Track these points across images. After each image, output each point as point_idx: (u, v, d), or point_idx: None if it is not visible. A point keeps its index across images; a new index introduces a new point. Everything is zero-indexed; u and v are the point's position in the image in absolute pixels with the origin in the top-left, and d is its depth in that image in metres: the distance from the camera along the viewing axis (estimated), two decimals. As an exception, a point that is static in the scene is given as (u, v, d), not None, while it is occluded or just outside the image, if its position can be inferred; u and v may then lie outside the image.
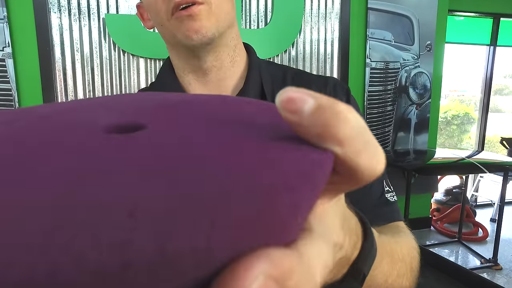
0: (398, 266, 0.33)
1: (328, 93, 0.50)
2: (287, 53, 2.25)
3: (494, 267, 2.07)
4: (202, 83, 0.50)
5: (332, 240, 0.15)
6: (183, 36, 0.43)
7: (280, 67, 0.56)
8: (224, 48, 0.48)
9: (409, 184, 1.95)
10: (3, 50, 1.84)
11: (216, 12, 0.44)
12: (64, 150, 0.12)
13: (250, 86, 0.49)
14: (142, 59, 2.04)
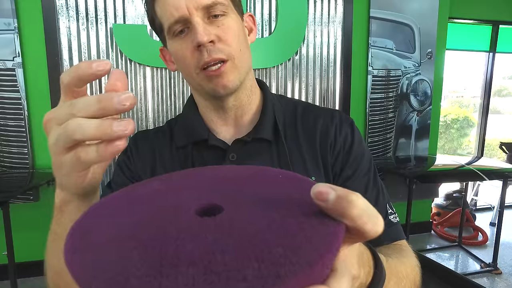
0: (403, 283, 0.40)
1: (335, 125, 0.55)
2: (291, 61, 2.30)
3: (494, 271, 2.11)
4: (223, 119, 0.55)
5: (351, 274, 0.22)
6: (211, 91, 0.49)
7: (290, 101, 0.61)
8: (243, 90, 0.53)
9: (410, 190, 1.99)
10: (13, 60, 1.88)
11: (239, 65, 0.49)
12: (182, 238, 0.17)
13: (265, 120, 0.54)
14: (149, 68, 2.08)
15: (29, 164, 1.96)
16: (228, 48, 0.47)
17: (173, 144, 0.56)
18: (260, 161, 0.53)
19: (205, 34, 0.45)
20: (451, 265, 2.30)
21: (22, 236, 1.94)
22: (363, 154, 0.54)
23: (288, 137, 0.54)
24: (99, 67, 0.25)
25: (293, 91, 2.34)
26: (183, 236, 0.18)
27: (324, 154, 0.53)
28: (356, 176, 0.53)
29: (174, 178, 0.26)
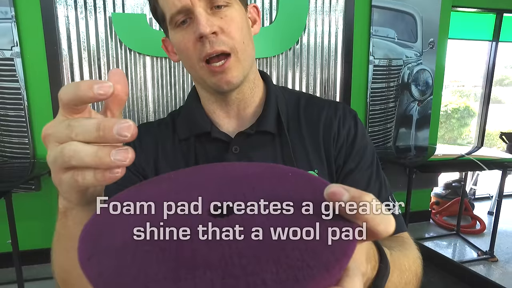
0: (406, 275, 0.41)
1: (338, 117, 0.55)
2: (292, 50, 2.28)
3: (490, 259, 2.14)
4: (225, 112, 0.55)
5: (361, 272, 0.22)
6: (214, 86, 0.49)
7: (294, 93, 0.60)
8: (246, 84, 0.53)
9: (410, 180, 2.00)
10: (11, 50, 1.86)
11: (242, 59, 0.49)
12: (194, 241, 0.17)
13: (268, 113, 0.54)
14: (148, 57, 2.07)
15: (30, 154, 1.97)
16: (231, 40, 0.47)
17: (176, 136, 0.56)
18: (263, 153, 0.53)
19: (207, 25, 0.44)
20: (448, 253, 2.33)
21: (25, 225, 1.95)
22: (366, 147, 0.54)
23: (291, 129, 0.54)
24: (100, 89, 0.23)
25: (294, 80, 2.32)
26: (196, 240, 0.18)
27: (327, 147, 0.53)
28: (359, 169, 0.53)
29: (183, 176, 0.26)
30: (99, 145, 0.23)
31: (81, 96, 0.24)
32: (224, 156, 0.52)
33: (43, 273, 2.01)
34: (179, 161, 0.54)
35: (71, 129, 0.24)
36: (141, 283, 0.15)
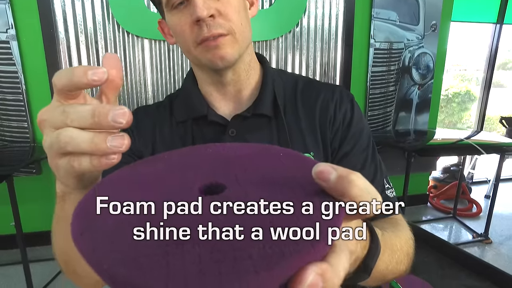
0: (397, 255, 0.42)
1: (335, 100, 0.54)
2: (291, 33, 2.24)
3: (484, 241, 2.19)
4: (221, 94, 0.55)
5: (348, 249, 0.22)
6: (208, 62, 0.48)
7: (291, 76, 0.60)
8: (241, 65, 0.52)
9: (409, 164, 2.01)
10: (6, 32, 1.84)
11: (239, 39, 0.48)
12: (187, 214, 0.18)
13: (265, 96, 0.54)
14: (147, 40, 2.04)
15: (29, 138, 1.97)
16: (228, 23, 0.46)
17: (173, 119, 0.56)
18: (260, 136, 0.53)
19: (204, 8, 0.43)
20: (444, 236, 2.38)
21: (27, 208, 1.98)
22: (362, 130, 0.55)
23: (287, 112, 0.54)
24: (94, 76, 0.23)
25: (294, 63, 2.30)
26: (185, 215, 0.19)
27: (323, 130, 0.53)
28: (354, 152, 0.53)
29: (176, 156, 0.26)
30: (95, 131, 0.23)
31: (75, 82, 0.24)
32: (221, 139, 0.53)
33: (46, 255, 2.05)
34: (177, 144, 0.54)
35: (66, 115, 0.23)
36: (132, 258, 0.16)
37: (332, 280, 0.17)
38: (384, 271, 0.38)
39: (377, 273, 0.34)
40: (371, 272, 0.31)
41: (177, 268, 0.15)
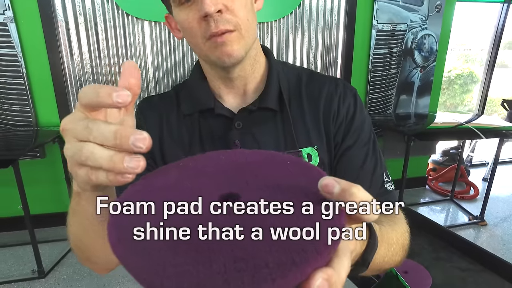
0: (393, 248, 0.45)
1: (339, 95, 0.55)
2: (293, 14, 2.21)
3: (480, 223, 2.24)
4: (228, 88, 0.55)
5: (349, 249, 0.25)
6: (216, 59, 0.48)
7: (295, 69, 0.60)
8: (247, 60, 0.53)
9: (408, 147, 2.03)
10: (3, 14, 1.81)
11: (245, 35, 0.48)
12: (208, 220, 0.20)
13: (270, 89, 0.54)
14: (147, 22, 2.01)
15: (32, 122, 1.98)
16: (235, 18, 0.46)
17: (180, 111, 0.56)
18: (265, 129, 0.54)
19: (212, 4, 0.44)
20: (441, 218, 2.43)
21: (33, 190, 2.02)
22: (364, 124, 0.56)
23: (292, 106, 0.55)
24: (118, 98, 0.25)
25: (295, 45, 2.28)
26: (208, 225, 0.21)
27: (326, 124, 0.54)
28: (357, 145, 0.54)
29: (191, 165, 0.28)
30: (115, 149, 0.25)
31: (99, 101, 0.26)
32: (228, 131, 0.54)
33: (54, 236, 2.12)
34: (184, 136, 0.55)
35: (89, 131, 0.25)
36: (163, 267, 0.18)
37: (336, 283, 0.20)
38: (380, 263, 0.41)
39: (374, 265, 0.37)
40: (369, 265, 0.34)
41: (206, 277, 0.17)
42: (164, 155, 0.55)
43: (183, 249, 0.19)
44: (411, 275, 0.81)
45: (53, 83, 1.98)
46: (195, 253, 0.19)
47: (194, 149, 0.54)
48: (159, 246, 0.20)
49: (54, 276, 1.75)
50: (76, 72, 2.00)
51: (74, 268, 1.81)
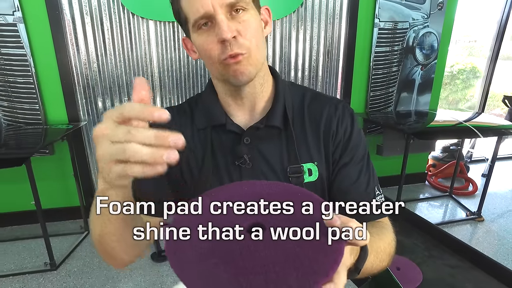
0: (380, 256, 0.52)
1: (338, 117, 0.61)
2: (296, 13, 2.23)
3: (477, 219, 2.29)
4: (239, 105, 0.61)
5: (346, 266, 0.32)
6: (231, 78, 0.54)
7: (300, 89, 0.66)
8: (257, 80, 0.58)
9: (407, 145, 2.08)
10: (13, 15, 1.85)
11: (255, 57, 0.54)
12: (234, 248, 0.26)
13: (277, 109, 0.60)
14: (152, 21, 2.05)
15: (41, 120, 2.04)
16: (247, 42, 0.52)
17: (194, 125, 0.62)
18: (271, 145, 0.60)
19: (229, 31, 0.49)
20: (440, 213, 2.48)
21: (43, 185, 2.08)
22: (359, 143, 0.62)
23: (296, 124, 0.61)
24: (161, 117, 0.31)
25: (298, 43, 2.31)
26: (247, 253, 0.27)
27: (326, 142, 0.60)
28: (352, 162, 0.60)
29: (221, 196, 0.34)
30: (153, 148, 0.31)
31: (143, 117, 0.32)
32: (237, 146, 0.59)
33: (64, 230, 2.20)
34: (198, 148, 0.61)
35: (131, 135, 0.31)
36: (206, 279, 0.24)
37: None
38: (369, 269, 0.48)
39: (364, 271, 0.44)
40: (360, 272, 0.41)
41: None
42: (180, 165, 0.60)
43: (229, 273, 0.25)
44: (403, 272, 0.86)
45: (61, 82, 2.03)
46: (237, 274, 0.25)
47: (207, 161, 0.59)
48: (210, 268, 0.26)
49: (65, 268, 1.83)
50: (83, 70, 2.05)
51: (84, 261, 1.88)
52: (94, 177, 2.30)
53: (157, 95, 2.20)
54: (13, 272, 1.78)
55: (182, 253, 0.27)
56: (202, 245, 0.28)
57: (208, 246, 0.28)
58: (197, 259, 0.27)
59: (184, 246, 0.28)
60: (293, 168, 0.58)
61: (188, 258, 0.27)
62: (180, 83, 2.22)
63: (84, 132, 2.17)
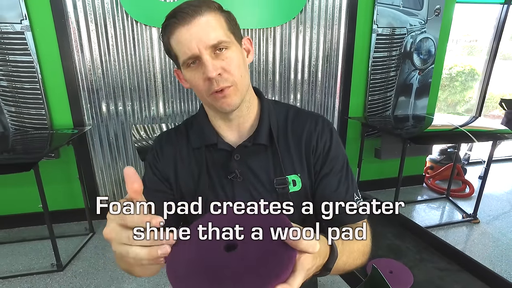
0: (354, 255, 0.59)
1: (318, 132, 0.68)
2: (296, 19, 2.28)
3: (473, 221, 2.34)
4: (228, 126, 0.68)
5: (305, 269, 0.36)
6: (219, 108, 0.61)
7: (284, 107, 0.73)
8: (243, 104, 0.65)
9: (404, 150, 2.13)
10: (21, 23, 1.91)
11: (240, 88, 0.61)
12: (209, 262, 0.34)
13: (262, 128, 0.67)
14: (155, 29, 2.10)
15: (47, 125, 2.10)
16: (231, 77, 0.59)
17: (190, 145, 0.70)
18: (258, 160, 0.67)
19: (213, 70, 0.56)
20: (437, 216, 2.53)
21: (49, 188, 2.14)
22: (338, 155, 0.68)
23: (280, 141, 0.68)
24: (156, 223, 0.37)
25: (297, 48, 2.36)
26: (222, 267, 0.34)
27: (307, 155, 0.67)
28: (332, 173, 0.67)
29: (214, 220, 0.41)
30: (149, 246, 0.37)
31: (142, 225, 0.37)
32: (228, 162, 0.66)
33: (68, 231, 2.25)
34: (193, 166, 0.68)
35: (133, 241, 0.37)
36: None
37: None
38: (342, 267, 0.54)
39: (336, 269, 0.50)
40: (331, 270, 0.48)
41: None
42: (178, 181, 0.69)
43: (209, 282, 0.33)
44: (395, 275, 0.92)
45: (66, 88, 2.09)
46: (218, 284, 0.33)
47: (202, 177, 0.67)
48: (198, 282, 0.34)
49: (71, 269, 1.88)
50: (88, 76, 2.10)
51: (89, 262, 1.94)
52: (98, 180, 2.35)
53: (159, 99, 2.26)
54: (21, 273, 1.83)
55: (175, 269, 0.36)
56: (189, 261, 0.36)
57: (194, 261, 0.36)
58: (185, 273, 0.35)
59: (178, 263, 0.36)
60: (279, 180, 0.65)
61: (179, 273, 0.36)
62: (182, 88, 2.27)
63: (89, 136, 2.23)
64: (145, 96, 2.23)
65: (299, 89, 2.47)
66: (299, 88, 2.47)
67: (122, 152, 2.33)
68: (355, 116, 2.61)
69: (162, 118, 2.30)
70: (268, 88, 2.41)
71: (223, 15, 0.60)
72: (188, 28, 0.56)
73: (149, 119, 2.28)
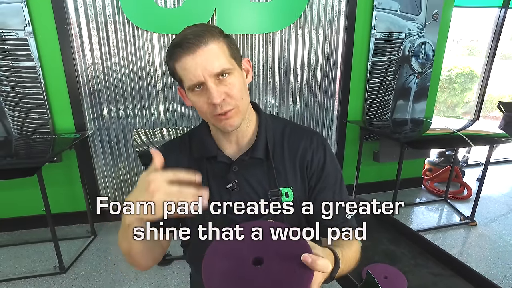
0: (350, 262, 0.65)
1: (312, 149, 0.72)
2: (295, 24, 2.31)
3: (470, 223, 2.37)
4: (227, 140, 0.73)
5: (319, 283, 0.41)
6: (222, 128, 0.65)
7: (281, 122, 0.77)
8: (243, 121, 0.69)
9: (402, 154, 2.15)
10: (24, 30, 1.94)
11: (242, 109, 0.65)
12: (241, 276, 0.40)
13: (259, 143, 0.71)
14: (155, 34, 2.13)
15: (50, 129, 2.13)
16: (234, 101, 0.63)
17: (191, 155, 0.75)
18: (255, 173, 0.71)
19: (218, 96, 0.60)
20: (435, 218, 2.55)
21: (50, 191, 2.17)
22: (332, 171, 0.73)
23: (275, 155, 0.72)
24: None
25: (296, 54, 2.38)
26: (251, 278, 0.40)
27: (302, 171, 0.71)
28: (327, 188, 0.72)
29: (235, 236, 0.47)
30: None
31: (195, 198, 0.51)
32: (227, 173, 0.71)
33: (70, 234, 2.28)
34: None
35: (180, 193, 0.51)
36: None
37: None
38: (340, 274, 0.59)
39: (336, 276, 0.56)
40: (333, 279, 0.54)
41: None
42: None
43: None
44: (390, 280, 0.94)
45: (69, 93, 2.12)
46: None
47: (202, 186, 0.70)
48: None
49: (74, 271, 1.91)
50: (89, 81, 2.13)
51: (92, 265, 1.97)
52: (100, 183, 2.38)
53: (160, 103, 2.29)
54: (25, 275, 1.87)
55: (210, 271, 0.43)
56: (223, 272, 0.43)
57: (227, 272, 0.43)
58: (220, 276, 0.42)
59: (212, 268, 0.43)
60: (272, 191, 0.69)
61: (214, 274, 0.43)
62: (183, 93, 2.29)
63: (91, 140, 2.26)
64: (146, 100, 2.26)
65: (298, 92, 2.50)
66: (298, 92, 2.50)
67: (123, 155, 2.36)
68: (354, 120, 2.64)
69: (163, 122, 2.33)
70: (268, 92, 2.43)
71: (225, 41, 0.63)
72: (193, 57, 0.60)
73: (150, 123, 2.31)
